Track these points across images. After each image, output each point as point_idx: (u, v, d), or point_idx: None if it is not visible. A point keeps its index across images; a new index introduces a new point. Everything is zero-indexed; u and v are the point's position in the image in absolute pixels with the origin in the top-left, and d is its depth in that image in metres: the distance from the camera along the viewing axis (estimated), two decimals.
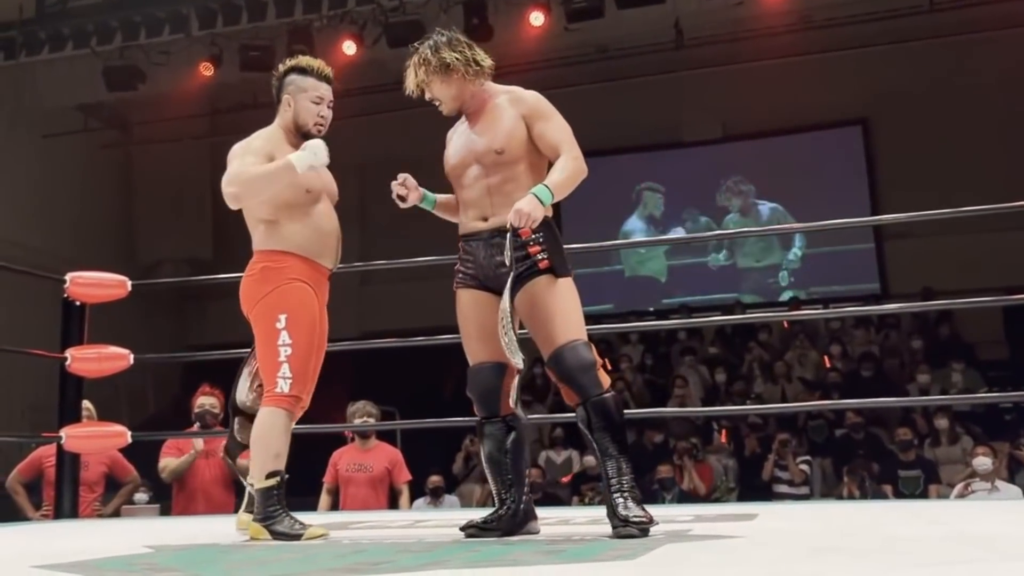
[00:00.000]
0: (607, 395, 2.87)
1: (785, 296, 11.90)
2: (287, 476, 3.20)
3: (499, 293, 2.89)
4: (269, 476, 3.15)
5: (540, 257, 2.91)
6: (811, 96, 11.45)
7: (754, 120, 12.08)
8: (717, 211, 12.63)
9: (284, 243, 3.28)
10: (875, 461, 7.52)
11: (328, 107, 3.41)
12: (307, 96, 3.37)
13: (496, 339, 2.86)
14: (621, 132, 12.38)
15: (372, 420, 5.95)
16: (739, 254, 12.55)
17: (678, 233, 12.41)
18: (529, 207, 2.81)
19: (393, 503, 6.00)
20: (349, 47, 10.58)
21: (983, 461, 6.24)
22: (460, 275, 3.03)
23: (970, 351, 9.82)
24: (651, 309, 12.25)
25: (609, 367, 11.17)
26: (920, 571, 1.87)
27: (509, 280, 2.87)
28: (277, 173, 3.20)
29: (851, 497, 6.87)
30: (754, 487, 7.82)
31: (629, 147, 12.58)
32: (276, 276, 3.25)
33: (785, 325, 10.69)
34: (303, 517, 3.24)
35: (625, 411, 2.99)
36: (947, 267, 10.11)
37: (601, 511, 4.62)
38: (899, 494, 7.17)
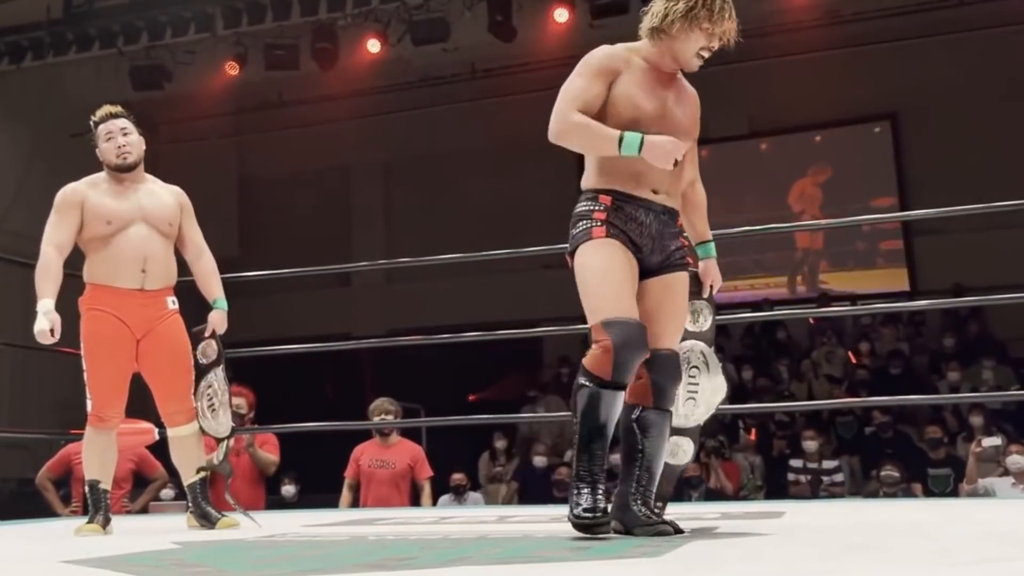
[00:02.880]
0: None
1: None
2: (101, 485, 3.61)
3: (649, 270, 2.82)
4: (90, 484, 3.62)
5: (686, 252, 2.92)
6: (838, 91, 11.35)
7: (781, 116, 12.00)
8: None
9: (87, 274, 3.69)
10: (904, 459, 7.46)
11: (122, 135, 3.72)
12: (101, 139, 3.75)
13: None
14: None
15: (391, 417, 5.97)
16: None
17: None
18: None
19: (415, 499, 6.01)
20: (373, 45, 10.60)
21: (1017, 459, 6.17)
22: (614, 228, 2.76)
23: (1002, 348, 9.71)
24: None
25: None
26: (952, 570, 1.85)
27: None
28: (37, 288, 3.56)
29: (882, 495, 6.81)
30: (781, 485, 7.77)
31: None
32: (81, 307, 3.67)
33: (811, 321, 10.62)
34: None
35: None
36: (978, 263, 10.00)
37: None
38: (929, 492, 7.11)
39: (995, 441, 6.34)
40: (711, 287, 3.06)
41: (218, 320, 3.87)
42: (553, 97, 2.88)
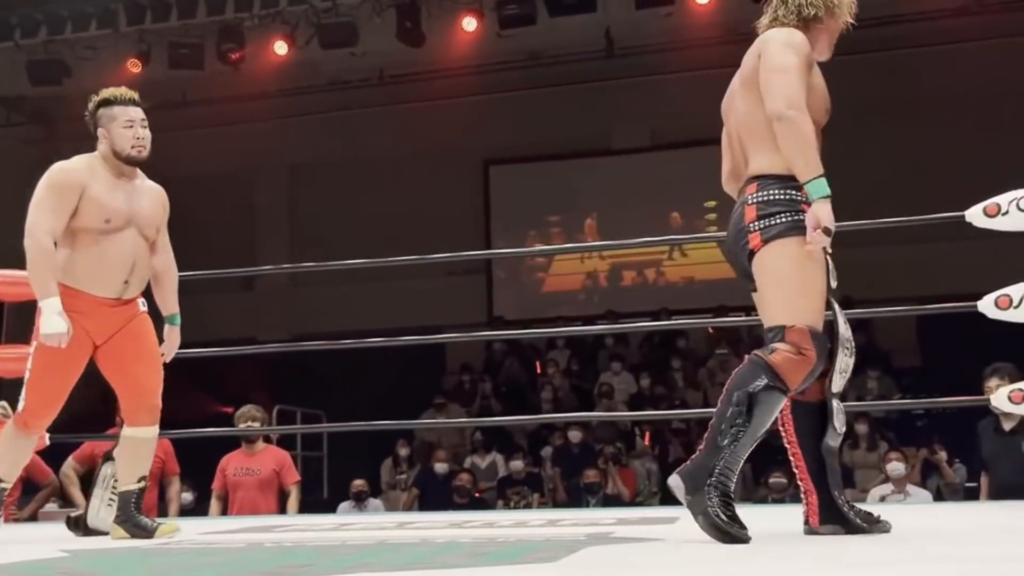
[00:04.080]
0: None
1: None
2: (3, 484, 3.46)
3: None
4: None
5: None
6: None
7: (682, 129, 12.25)
8: None
9: (61, 273, 3.35)
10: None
11: (142, 126, 3.45)
12: (118, 124, 3.43)
13: None
14: (551, 138, 12.48)
15: (258, 424, 5.95)
16: None
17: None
18: None
19: (283, 505, 5.99)
20: (281, 47, 10.51)
21: (897, 466, 6.43)
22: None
23: (886, 359, 10.09)
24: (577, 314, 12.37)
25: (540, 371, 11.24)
26: (839, 571, 1.94)
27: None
28: (36, 285, 3.30)
29: (773, 501, 7.02)
30: None
31: (559, 154, 12.69)
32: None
33: (711, 331, 10.88)
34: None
35: (551, 415, 3.01)
36: (864, 277, 10.37)
37: (526, 514, 4.66)
38: None
39: (899, 468, 6.51)
40: None
41: (175, 340, 3.65)
42: (461, 105, 2.91)
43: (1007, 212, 3.73)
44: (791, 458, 2.81)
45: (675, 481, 2.63)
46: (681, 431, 8.80)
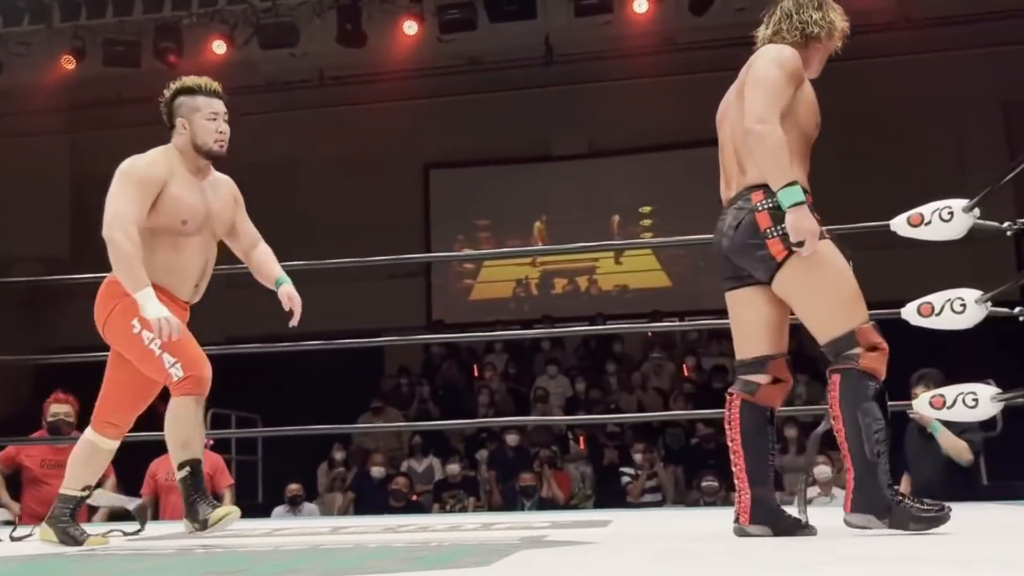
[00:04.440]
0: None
1: None
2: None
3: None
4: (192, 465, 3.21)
5: None
6: (675, 116, 11.75)
7: (620, 137, 12.37)
8: None
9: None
10: (724, 470, 7.82)
11: (224, 121, 3.35)
12: (201, 115, 3.32)
13: None
14: (491, 144, 12.52)
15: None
16: None
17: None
18: None
19: None
20: (219, 46, 10.42)
21: (823, 470, 6.59)
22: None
23: (814, 365, 10.28)
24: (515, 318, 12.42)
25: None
26: (761, 573, 2.00)
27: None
28: (127, 277, 3.15)
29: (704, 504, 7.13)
30: (611, 494, 8.03)
31: (499, 159, 12.73)
32: (119, 290, 3.21)
33: (648, 335, 10.99)
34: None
35: (486, 419, 3.05)
36: None
37: (460, 518, 4.69)
38: None
39: (826, 471, 6.67)
40: None
41: (297, 298, 3.58)
42: (401, 108, 2.93)
43: (930, 222, 3.82)
44: (731, 455, 2.88)
45: (858, 520, 2.67)
46: (615, 435, 8.88)
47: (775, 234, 2.74)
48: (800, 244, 2.69)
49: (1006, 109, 11.45)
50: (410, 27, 10.43)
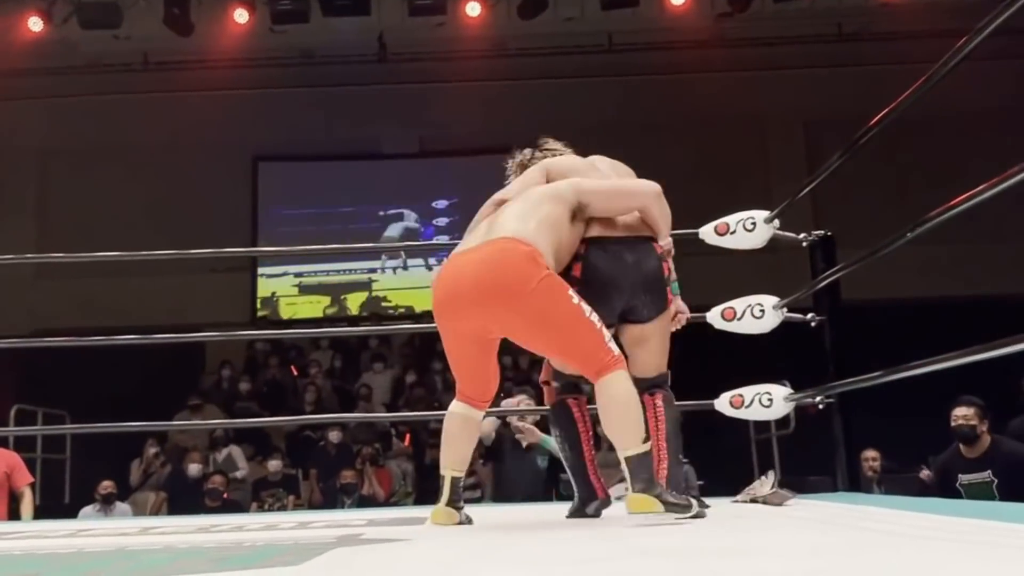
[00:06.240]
0: None
1: None
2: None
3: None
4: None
5: None
6: (503, 119, 11.87)
7: (450, 138, 12.44)
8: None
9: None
10: None
11: None
12: None
13: None
14: (321, 138, 12.39)
15: None
16: None
17: None
18: None
19: (15, 509, 5.71)
20: (35, 23, 9.94)
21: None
22: None
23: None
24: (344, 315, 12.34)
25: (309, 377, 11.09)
26: (551, 570, 2.08)
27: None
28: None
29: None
30: (432, 491, 8.08)
31: (329, 154, 12.60)
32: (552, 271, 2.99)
33: None
34: None
35: (312, 415, 3.09)
36: (710, 286, 10.87)
37: (278, 517, 4.65)
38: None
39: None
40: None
41: None
42: (231, 98, 2.90)
43: (735, 231, 4.03)
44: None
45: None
46: (438, 432, 8.95)
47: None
48: None
49: (807, 128, 12.18)
50: (241, 16, 10.22)
